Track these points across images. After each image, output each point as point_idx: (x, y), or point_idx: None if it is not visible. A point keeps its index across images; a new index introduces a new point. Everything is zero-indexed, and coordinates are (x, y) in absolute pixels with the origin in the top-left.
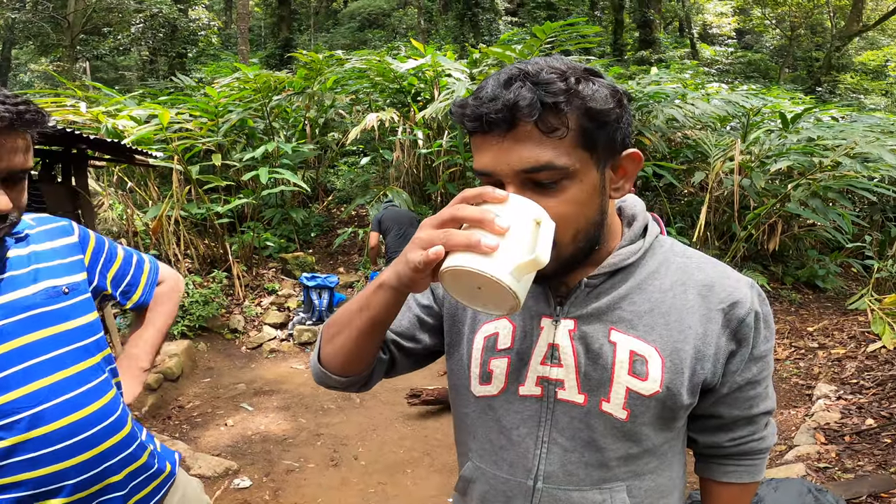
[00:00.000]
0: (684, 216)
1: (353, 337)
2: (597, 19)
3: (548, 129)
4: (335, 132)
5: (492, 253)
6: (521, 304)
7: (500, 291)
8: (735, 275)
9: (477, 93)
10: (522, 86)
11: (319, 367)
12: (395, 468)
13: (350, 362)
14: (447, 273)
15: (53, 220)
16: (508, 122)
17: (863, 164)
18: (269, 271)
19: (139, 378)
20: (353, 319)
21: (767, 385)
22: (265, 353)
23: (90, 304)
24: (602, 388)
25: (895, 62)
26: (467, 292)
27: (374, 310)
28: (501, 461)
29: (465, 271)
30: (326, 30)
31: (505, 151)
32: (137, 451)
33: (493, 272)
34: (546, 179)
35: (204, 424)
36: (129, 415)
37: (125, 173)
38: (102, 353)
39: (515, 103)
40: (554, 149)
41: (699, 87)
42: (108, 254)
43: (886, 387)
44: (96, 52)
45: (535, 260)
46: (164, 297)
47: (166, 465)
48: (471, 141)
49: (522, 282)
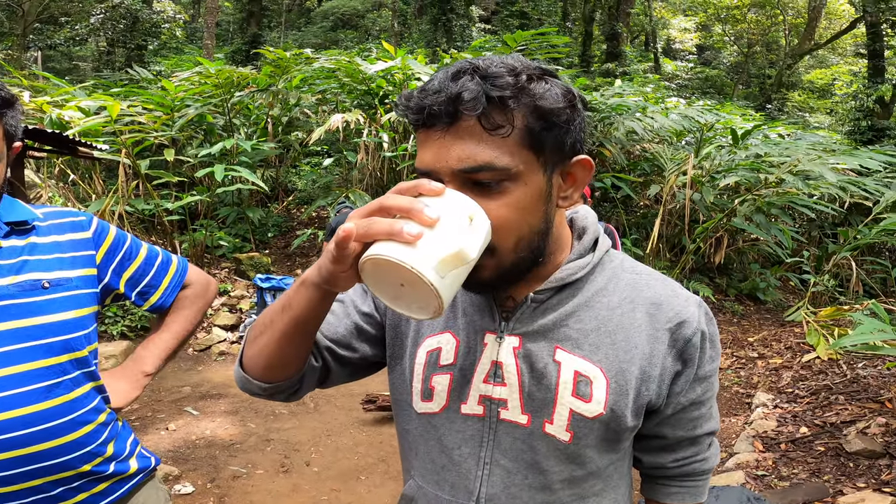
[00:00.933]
0: (639, 228)
1: (275, 339)
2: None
3: (491, 125)
4: (299, 131)
5: (415, 242)
6: (446, 306)
7: (422, 288)
8: (684, 293)
9: (424, 85)
10: (471, 79)
11: (241, 371)
12: (349, 475)
13: (272, 367)
14: (367, 263)
15: (70, 213)
16: (450, 115)
17: (804, 182)
18: (221, 271)
19: (139, 382)
20: (276, 320)
21: (711, 405)
22: (214, 356)
23: (78, 302)
24: (545, 409)
25: (841, 81)
26: (391, 290)
27: (295, 309)
28: (443, 482)
29: (384, 261)
30: (298, 28)
31: (445, 147)
32: (84, 458)
33: (413, 263)
34: (486, 179)
35: (142, 428)
36: (98, 420)
37: (69, 165)
38: (74, 353)
39: (458, 94)
40: (496, 148)
41: (659, 101)
42: (127, 252)
43: (819, 396)
44: (50, 42)
45: (460, 253)
46: (186, 301)
47: (129, 468)
48: (416, 137)
49: (448, 279)
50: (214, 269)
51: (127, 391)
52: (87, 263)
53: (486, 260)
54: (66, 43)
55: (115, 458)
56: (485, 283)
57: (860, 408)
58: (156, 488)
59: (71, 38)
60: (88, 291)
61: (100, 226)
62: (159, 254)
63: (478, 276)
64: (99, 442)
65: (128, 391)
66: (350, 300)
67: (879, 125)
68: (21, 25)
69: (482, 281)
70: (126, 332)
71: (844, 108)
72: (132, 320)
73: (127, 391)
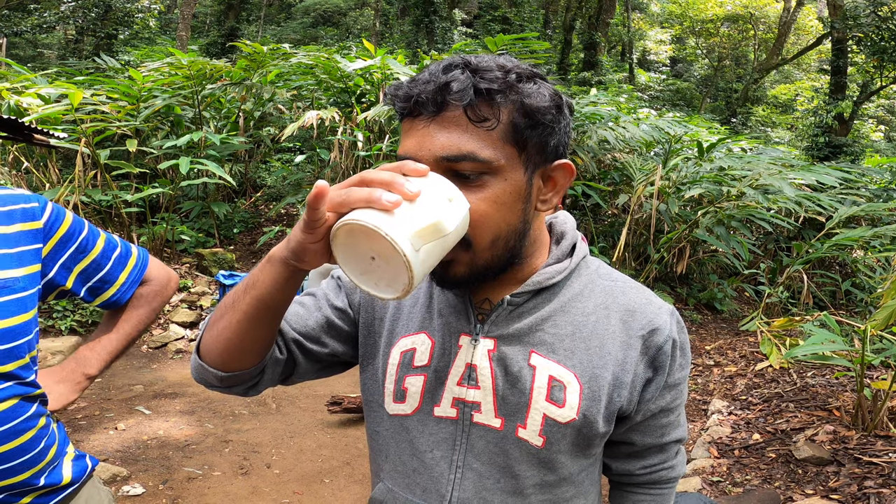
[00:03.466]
0: (606, 236)
1: (236, 321)
2: (548, 37)
3: (477, 117)
4: (271, 127)
5: (392, 210)
6: (415, 284)
7: (394, 260)
8: (657, 301)
9: (415, 76)
10: (461, 72)
11: (197, 358)
12: (312, 477)
13: (231, 353)
14: (341, 231)
15: (22, 199)
16: (437, 104)
17: (764, 196)
18: (182, 266)
19: (79, 385)
20: (238, 301)
21: (680, 413)
22: (170, 354)
23: (23, 305)
24: (519, 413)
25: (804, 97)
26: (360, 264)
27: (260, 288)
28: (414, 485)
29: (358, 227)
30: (277, 23)
31: (429, 136)
32: (26, 465)
33: (388, 230)
34: (467, 171)
35: (89, 427)
36: (35, 428)
37: (23, 153)
38: (18, 362)
39: (447, 84)
40: (480, 139)
41: (632, 112)
42: (82, 243)
43: (771, 403)
44: (16, 29)
45: (437, 225)
46: (143, 300)
47: (62, 478)
48: (401, 127)
49: (422, 253)
50: (175, 263)
51: (65, 394)
52: (34, 259)
53: (461, 254)
54: (32, 30)
55: (52, 463)
56: (457, 279)
57: (809, 415)
58: (97, 489)
59: (38, 25)
60: (33, 291)
61: (54, 213)
62: (118, 245)
63: (451, 271)
64: (39, 449)
65: (66, 394)
66: (323, 294)
67: (837, 142)
68: None
69: (455, 277)
70: (76, 328)
71: (804, 123)
72: (83, 315)
73: (65, 394)
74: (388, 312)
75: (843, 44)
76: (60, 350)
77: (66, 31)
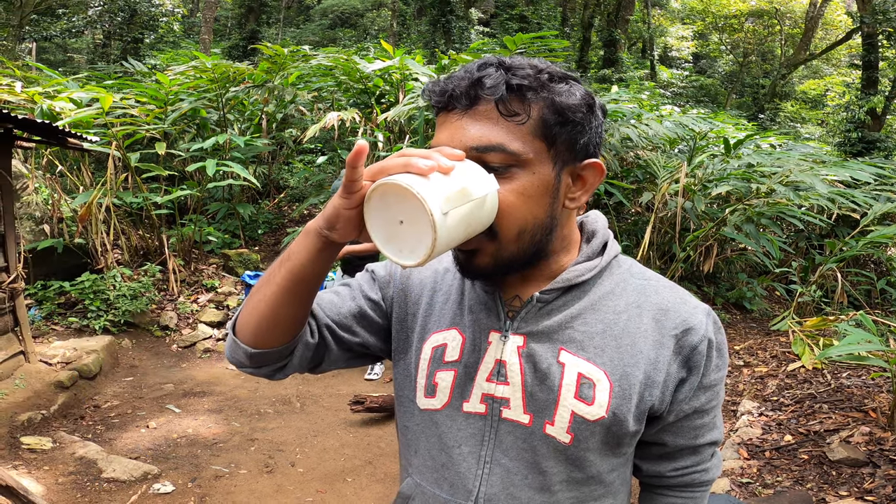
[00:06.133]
0: (630, 235)
1: (270, 293)
2: (566, 35)
3: (508, 112)
4: (293, 128)
5: (427, 174)
6: (438, 250)
7: (422, 220)
8: (693, 301)
9: (452, 73)
10: (495, 70)
11: (232, 335)
12: (335, 476)
13: (263, 328)
14: (375, 192)
15: None
16: (470, 98)
17: (795, 193)
18: (209, 267)
19: None
20: (273, 274)
21: (716, 415)
22: (198, 353)
23: None
24: (547, 409)
25: (834, 92)
26: (389, 228)
27: (294, 260)
28: (442, 480)
29: (392, 185)
30: (296, 25)
31: (462, 128)
32: None
33: (419, 188)
34: (496, 162)
35: (122, 426)
36: None
37: (57, 156)
38: None
39: (480, 79)
40: (509, 133)
41: (654, 109)
42: None
43: (804, 405)
44: (46, 34)
45: (466, 190)
46: None
47: None
48: (436, 122)
49: (448, 218)
50: (202, 264)
51: None
52: None
53: (486, 244)
54: (61, 35)
55: None
56: (481, 268)
57: (844, 417)
58: None
59: (67, 29)
60: None
61: None
62: None
63: (475, 260)
64: None
65: None
66: (357, 285)
67: (870, 137)
68: (18, 16)
69: (479, 266)
70: (109, 328)
71: (836, 119)
72: (115, 315)
73: None
74: (421, 308)
75: (874, 38)
76: (95, 349)
77: (94, 36)
